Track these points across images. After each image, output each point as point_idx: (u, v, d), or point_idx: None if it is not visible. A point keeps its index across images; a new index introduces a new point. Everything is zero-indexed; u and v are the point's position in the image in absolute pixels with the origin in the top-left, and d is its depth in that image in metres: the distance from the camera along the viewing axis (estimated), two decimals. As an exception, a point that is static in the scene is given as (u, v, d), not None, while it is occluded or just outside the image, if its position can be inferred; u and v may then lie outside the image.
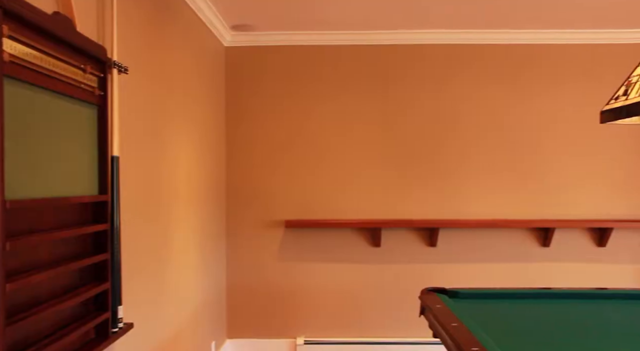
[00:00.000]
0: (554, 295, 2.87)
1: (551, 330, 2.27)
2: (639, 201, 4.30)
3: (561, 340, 2.10)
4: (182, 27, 3.25)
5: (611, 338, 2.13)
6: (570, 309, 2.61)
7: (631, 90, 2.01)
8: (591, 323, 2.37)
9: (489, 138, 4.34)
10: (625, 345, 2.05)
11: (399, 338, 4.32)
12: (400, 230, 4.35)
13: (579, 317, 2.48)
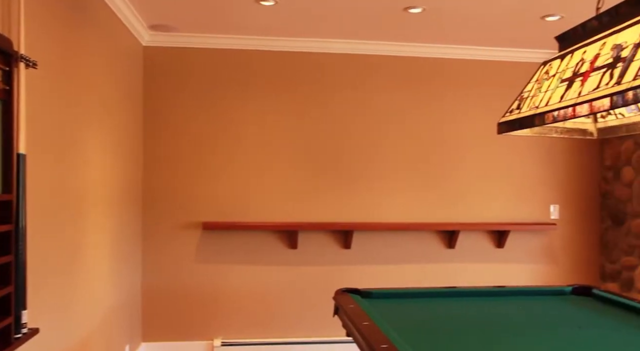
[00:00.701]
0: (458, 293, 3.01)
1: (456, 325, 2.38)
2: (532, 205, 4.60)
3: (465, 334, 2.21)
4: (96, 23, 3.12)
5: (509, 330, 2.27)
6: (473, 306, 2.75)
7: (523, 104, 2.16)
8: (491, 318, 2.51)
9: (401, 145, 4.48)
10: (521, 335, 2.19)
11: (315, 337, 4.36)
12: (316, 233, 4.39)
13: (481, 313, 2.61)
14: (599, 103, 1.59)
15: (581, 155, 4.70)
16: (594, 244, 4.70)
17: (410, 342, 2.00)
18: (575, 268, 4.65)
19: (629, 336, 2.22)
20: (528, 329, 2.32)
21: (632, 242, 4.32)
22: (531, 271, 4.58)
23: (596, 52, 1.79)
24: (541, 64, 2.24)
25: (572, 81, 1.85)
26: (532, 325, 2.40)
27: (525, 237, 4.59)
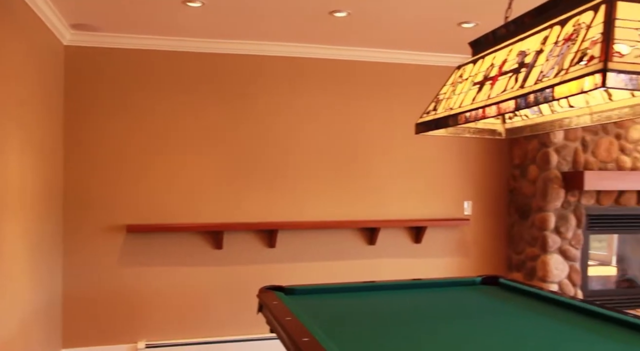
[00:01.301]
0: (378, 287, 3.08)
1: (375, 317, 2.43)
2: (448, 202, 4.80)
3: (383, 325, 2.27)
4: (12, 20, 2.92)
5: (424, 320, 2.35)
6: (392, 298, 2.83)
7: (439, 106, 2.24)
8: (408, 309, 2.59)
9: (324, 146, 4.53)
10: (435, 323, 2.28)
11: (241, 335, 4.32)
12: (241, 233, 4.36)
13: (399, 305, 2.69)
14: (505, 105, 1.69)
15: (492, 154, 4.95)
16: (502, 237, 4.98)
17: (332, 335, 2.03)
18: (485, 259, 4.91)
19: (529, 320, 2.37)
20: (441, 317, 2.42)
21: (535, 234, 4.62)
22: (446, 264, 4.78)
23: (504, 57, 1.90)
24: (456, 68, 2.33)
25: (482, 84, 1.95)
26: (444, 314, 2.51)
27: (441, 232, 4.78)
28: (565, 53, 1.50)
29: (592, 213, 4.64)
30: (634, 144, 4.72)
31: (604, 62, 1.29)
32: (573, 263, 4.59)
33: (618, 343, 2.04)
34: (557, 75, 1.47)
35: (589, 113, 1.98)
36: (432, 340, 2.07)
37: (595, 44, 1.36)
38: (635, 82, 1.29)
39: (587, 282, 4.67)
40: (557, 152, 4.54)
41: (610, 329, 2.22)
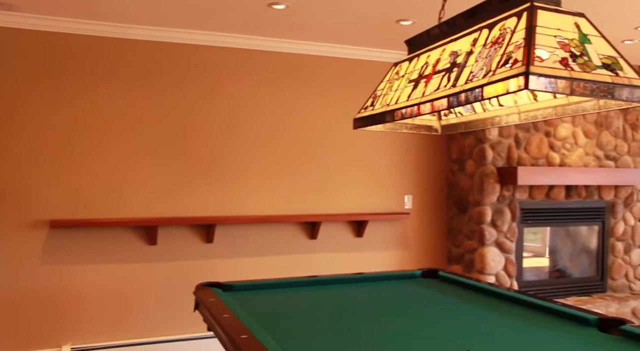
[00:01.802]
0: (318, 282, 3.15)
1: (315, 312, 2.50)
2: (388, 196, 4.94)
3: (323, 320, 2.34)
4: None
5: (365, 313, 2.44)
6: (332, 293, 2.90)
7: (377, 102, 2.33)
8: (349, 303, 2.67)
9: (264, 139, 4.56)
10: (375, 316, 2.37)
11: (178, 335, 4.29)
12: (177, 228, 4.32)
13: (339, 299, 2.77)
14: (438, 103, 1.78)
15: (432, 149, 5.13)
16: (442, 230, 5.18)
17: (271, 331, 2.08)
18: (426, 253, 5.09)
19: (466, 310, 2.51)
20: (381, 310, 2.52)
21: (473, 227, 4.83)
22: (388, 258, 4.92)
23: (437, 57, 2.00)
24: (393, 65, 2.42)
25: (417, 82, 2.04)
26: (385, 306, 2.61)
27: (382, 226, 4.92)
28: (492, 55, 1.60)
29: (526, 207, 4.90)
30: (562, 141, 5.02)
31: (526, 65, 1.40)
32: (509, 255, 4.84)
33: (546, 329, 2.20)
34: (485, 76, 1.57)
35: (517, 113, 2.11)
36: (372, 333, 2.16)
37: (519, 48, 1.47)
38: (554, 85, 1.40)
39: (521, 273, 4.94)
40: (493, 148, 4.76)
41: (541, 317, 2.39)
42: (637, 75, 1.51)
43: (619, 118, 5.30)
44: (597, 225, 5.28)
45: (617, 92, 1.46)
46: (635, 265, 5.40)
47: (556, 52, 1.45)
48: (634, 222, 5.39)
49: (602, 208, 5.26)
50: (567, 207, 5.09)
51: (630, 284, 5.38)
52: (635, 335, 2.04)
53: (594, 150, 5.18)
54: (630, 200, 5.36)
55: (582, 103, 1.80)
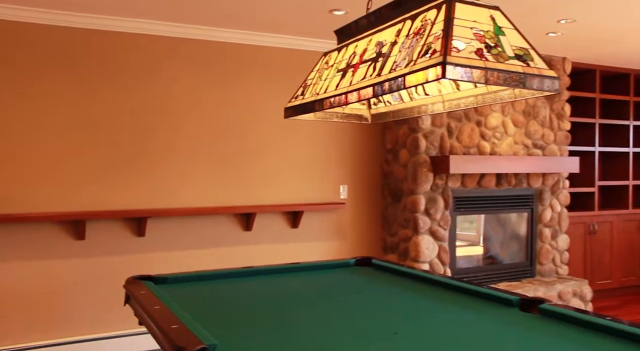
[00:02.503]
0: (253, 272, 3.21)
1: (249, 302, 2.56)
2: (323, 186, 5.05)
3: (257, 309, 2.40)
4: None
5: (299, 301, 2.52)
6: (267, 283, 2.97)
7: (307, 91, 2.41)
8: (283, 292, 2.74)
9: (198, 129, 4.55)
10: (309, 304, 2.46)
11: (110, 332, 4.25)
12: (107, 221, 4.26)
13: (274, 288, 2.84)
14: (364, 91, 1.88)
15: (366, 139, 5.27)
16: (377, 220, 5.34)
17: (202, 321, 2.12)
18: (361, 242, 5.24)
19: (398, 296, 2.64)
20: (315, 298, 2.62)
21: (407, 216, 5.02)
22: (324, 248, 5.04)
23: (364, 47, 2.09)
24: (322, 55, 2.50)
25: (345, 71, 2.13)
26: (318, 294, 2.71)
27: (318, 216, 5.03)
28: (414, 45, 1.71)
29: (458, 196, 5.14)
30: (492, 131, 5.28)
31: (444, 56, 1.51)
32: (442, 243, 5.06)
33: (472, 311, 2.35)
34: (407, 65, 1.68)
35: (442, 101, 2.24)
36: (306, 319, 2.24)
37: (438, 39, 1.58)
38: (469, 74, 1.52)
39: (455, 261, 5.18)
40: (426, 137, 4.95)
41: (468, 300, 2.55)
42: (547, 66, 1.65)
43: (546, 108, 5.62)
44: (526, 212, 5.60)
45: (528, 82, 1.60)
46: (561, 250, 5.76)
47: (472, 43, 1.57)
48: (560, 209, 5.74)
49: (531, 196, 5.58)
50: (498, 194, 5.36)
51: (557, 268, 5.74)
52: (552, 312, 2.22)
53: (523, 139, 5.48)
54: (556, 187, 5.70)
55: (500, 92, 1.94)
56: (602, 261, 6.14)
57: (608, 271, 6.17)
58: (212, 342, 1.81)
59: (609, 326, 1.99)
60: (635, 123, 6.47)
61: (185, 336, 1.88)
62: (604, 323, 2.02)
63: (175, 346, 1.80)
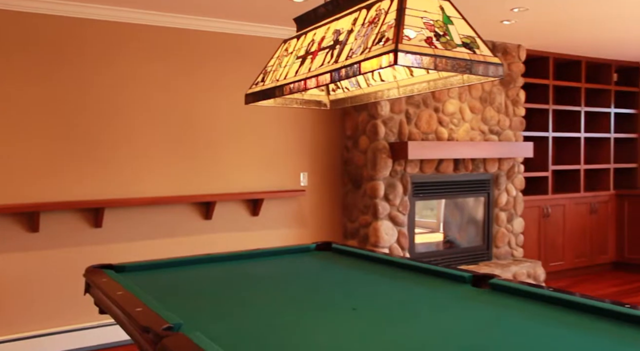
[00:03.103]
0: (213, 259, 3.30)
1: (212, 286, 2.66)
2: (283, 174, 5.16)
3: (221, 291, 2.51)
4: None
5: (260, 284, 2.64)
6: (228, 268, 3.07)
7: (267, 78, 2.51)
8: (245, 276, 2.85)
9: (156, 118, 4.58)
10: (271, 287, 2.58)
11: (68, 325, 4.27)
12: (62, 213, 4.26)
13: (235, 273, 2.94)
14: (322, 77, 2.00)
15: (326, 126, 5.40)
16: (337, 206, 5.49)
17: (166, 304, 2.22)
18: (322, 229, 5.38)
19: (357, 277, 2.78)
20: (277, 281, 2.74)
21: (367, 202, 5.18)
22: (284, 236, 5.15)
23: (323, 34, 2.21)
24: (282, 42, 2.61)
25: (304, 58, 2.24)
26: (279, 277, 2.83)
27: (279, 204, 5.14)
28: (369, 34, 1.83)
29: (416, 181, 5.33)
30: (450, 117, 5.49)
31: (396, 43, 1.64)
32: (401, 228, 5.25)
33: (428, 287, 2.52)
34: (362, 52, 1.80)
35: (397, 87, 2.38)
36: (268, 301, 2.37)
37: (390, 28, 1.71)
38: (419, 61, 1.66)
39: (414, 246, 5.38)
40: (385, 124, 5.11)
41: (425, 278, 2.72)
42: (491, 54, 1.80)
43: (502, 94, 5.86)
44: (483, 197, 5.85)
45: (474, 68, 1.75)
46: (516, 233, 6.05)
47: (422, 31, 1.70)
48: (515, 193, 6.02)
49: (487, 181, 5.83)
50: (455, 179, 5.58)
51: (513, 251, 6.03)
52: (501, 286, 2.41)
53: (479, 125, 5.71)
54: (512, 172, 5.97)
55: (450, 78, 2.09)
56: (555, 243, 6.47)
57: (561, 253, 6.51)
58: (178, 321, 1.91)
59: (552, 296, 2.19)
60: (586, 109, 6.80)
61: (150, 317, 1.97)
62: (548, 294, 2.21)
63: (141, 326, 1.89)
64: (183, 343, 1.68)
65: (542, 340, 1.79)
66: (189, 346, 1.65)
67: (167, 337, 1.73)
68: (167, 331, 1.79)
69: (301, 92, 2.19)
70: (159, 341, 1.72)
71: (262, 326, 2.00)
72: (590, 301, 2.08)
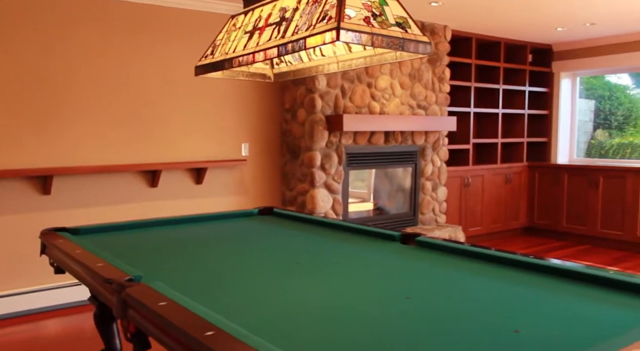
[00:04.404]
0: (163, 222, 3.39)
1: (165, 244, 2.76)
2: (227, 144, 5.24)
3: (174, 249, 2.62)
4: None
5: (209, 243, 2.76)
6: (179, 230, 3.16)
7: (216, 51, 2.59)
8: (194, 236, 2.97)
9: (102, 87, 4.53)
10: (220, 245, 2.71)
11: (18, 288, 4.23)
12: (10, 180, 4.18)
13: (185, 234, 3.05)
14: (270, 51, 2.12)
15: (266, 99, 5.49)
16: (276, 175, 5.64)
17: (124, 261, 2.31)
18: (262, 197, 5.52)
19: (298, 237, 2.96)
20: (224, 241, 2.87)
21: (304, 171, 5.35)
22: (227, 203, 5.26)
23: (269, 11, 2.32)
24: (230, 17, 2.69)
25: (252, 33, 2.35)
26: (228, 238, 2.97)
27: (221, 173, 5.22)
28: (313, 12, 1.97)
29: (350, 152, 5.54)
30: (382, 92, 5.71)
31: (338, 22, 1.78)
32: (336, 195, 5.46)
33: (362, 244, 2.73)
34: (307, 29, 1.94)
35: (336, 62, 2.53)
36: (217, 258, 2.50)
37: (333, 8, 1.85)
38: (358, 38, 1.81)
39: (347, 212, 5.61)
40: (322, 98, 5.27)
41: (359, 237, 2.92)
42: (421, 33, 1.98)
43: (429, 71, 6.13)
44: (411, 167, 6.15)
45: (406, 46, 1.92)
46: (440, 201, 6.40)
47: (361, 11, 1.86)
48: (440, 164, 6.35)
49: (415, 152, 6.12)
50: (386, 151, 5.84)
51: (436, 217, 6.38)
52: (426, 243, 2.64)
53: (408, 100, 5.96)
54: (437, 144, 6.29)
55: (384, 54, 2.26)
56: (474, 210, 6.89)
57: (479, 219, 6.95)
58: (138, 274, 2.02)
59: (472, 251, 2.44)
60: (504, 87, 7.21)
61: (112, 271, 2.07)
62: (469, 249, 2.46)
63: (104, 278, 1.99)
64: (146, 291, 1.80)
65: (466, 284, 2.03)
66: (151, 293, 1.77)
67: (131, 287, 1.84)
68: (129, 282, 1.90)
69: (249, 65, 2.31)
70: (122, 290, 1.83)
71: (215, 279, 2.14)
72: (505, 254, 2.34)
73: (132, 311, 1.76)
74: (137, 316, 1.72)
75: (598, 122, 7.81)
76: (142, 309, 1.66)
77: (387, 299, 1.84)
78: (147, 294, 1.75)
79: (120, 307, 1.84)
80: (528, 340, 1.41)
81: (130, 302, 1.77)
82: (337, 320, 1.62)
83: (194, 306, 1.61)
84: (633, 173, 6.50)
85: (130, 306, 1.78)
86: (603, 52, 7.08)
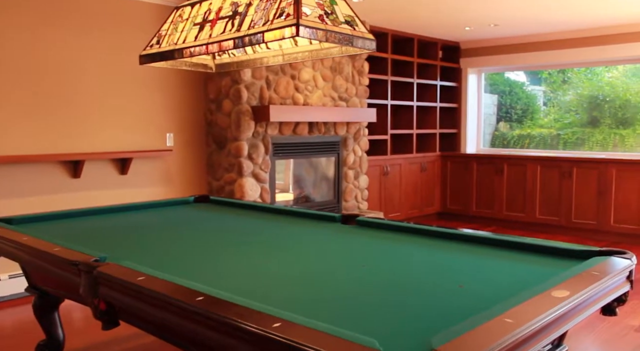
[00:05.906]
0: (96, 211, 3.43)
1: (108, 233, 2.84)
2: (151, 134, 5.26)
3: (117, 235, 2.71)
4: None
5: (153, 229, 2.87)
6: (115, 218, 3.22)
7: (163, 41, 2.71)
8: (134, 224, 3.06)
9: (20, 74, 4.42)
10: (164, 230, 2.83)
11: None
12: None
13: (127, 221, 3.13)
14: (226, 43, 2.29)
15: (190, 89, 5.56)
16: (202, 166, 5.73)
17: (82, 244, 2.39)
18: (189, 187, 5.60)
19: (240, 220, 3.14)
20: (167, 226, 3.00)
21: (231, 161, 5.49)
22: (153, 193, 5.29)
23: (219, 5, 2.48)
24: (174, 9, 2.81)
25: (203, 26, 2.50)
26: (169, 223, 3.09)
27: (146, 163, 5.25)
28: (269, 8, 2.16)
29: (276, 142, 5.74)
30: (305, 84, 5.96)
31: (297, 19, 1.99)
32: (263, 184, 5.65)
33: (305, 226, 2.96)
34: (265, 24, 2.13)
35: (282, 55, 2.74)
36: (165, 242, 2.63)
37: (290, 5, 2.06)
38: (315, 34, 2.03)
39: (274, 200, 5.81)
40: (247, 89, 5.43)
41: (298, 219, 3.15)
42: (367, 31, 2.24)
43: (349, 65, 6.45)
44: (334, 157, 6.45)
45: (354, 42, 2.17)
46: (362, 188, 6.76)
47: (315, 9, 2.08)
48: (361, 153, 6.70)
49: (337, 142, 6.43)
50: (310, 141, 6.10)
51: (359, 204, 6.74)
52: (365, 222, 2.92)
53: (330, 92, 6.25)
54: (358, 135, 6.63)
55: (331, 49, 2.50)
56: (393, 197, 7.33)
57: (398, 205, 7.40)
58: (102, 255, 2.13)
59: (405, 226, 2.75)
60: (418, 81, 7.69)
61: (73, 254, 2.16)
62: (406, 226, 2.76)
63: (69, 261, 2.08)
64: (119, 269, 1.92)
65: (410, 253, 2.32)
66: (125, 271, 1.90)
67: (101, 266, 1.95)
68: (97, 263, 2.01)
69: (201, 55, 2.46)
70: (92, 270, 1.94)
71: (174, 258, 2.29)
72: (437, 229, 2.67)
73: (105, 288, 1.88)
74: (113, 293, 1.84)
75: (501, 115, 8.54)
76: (122, 285, 1.79)
77: (347, 267, 2.10)
78: (122, 271, 1.88)
79: (89, 287, 1.95)
80: (472, 292, 1.72)
81: (103, 280, 1.88)
82: (312, 284, 1.85)
83: (172, 279, 1.76)
84: (532, 161, 7.22)
85: (102, 284, 1.90)
86: (504, 51, 7.76)
